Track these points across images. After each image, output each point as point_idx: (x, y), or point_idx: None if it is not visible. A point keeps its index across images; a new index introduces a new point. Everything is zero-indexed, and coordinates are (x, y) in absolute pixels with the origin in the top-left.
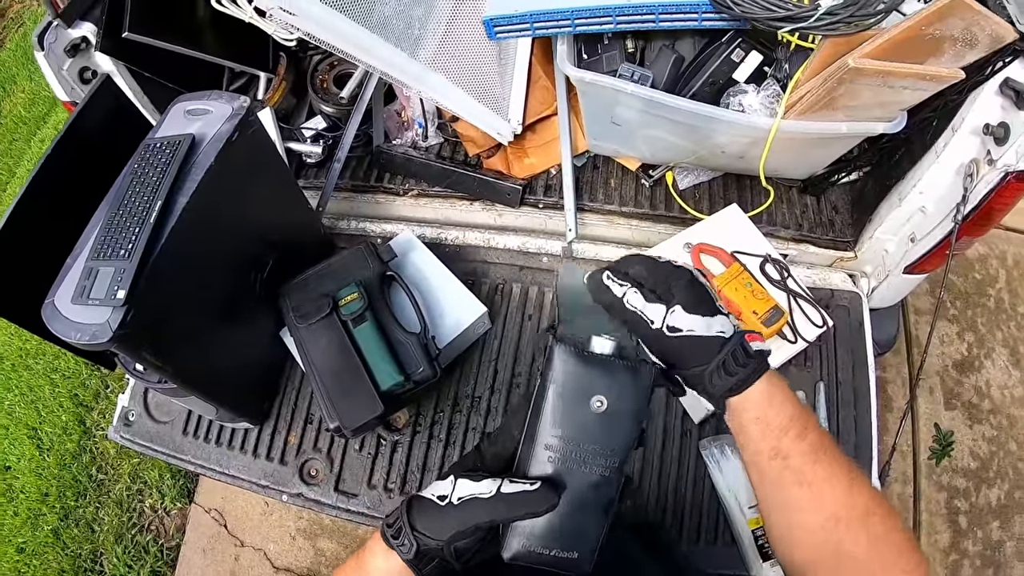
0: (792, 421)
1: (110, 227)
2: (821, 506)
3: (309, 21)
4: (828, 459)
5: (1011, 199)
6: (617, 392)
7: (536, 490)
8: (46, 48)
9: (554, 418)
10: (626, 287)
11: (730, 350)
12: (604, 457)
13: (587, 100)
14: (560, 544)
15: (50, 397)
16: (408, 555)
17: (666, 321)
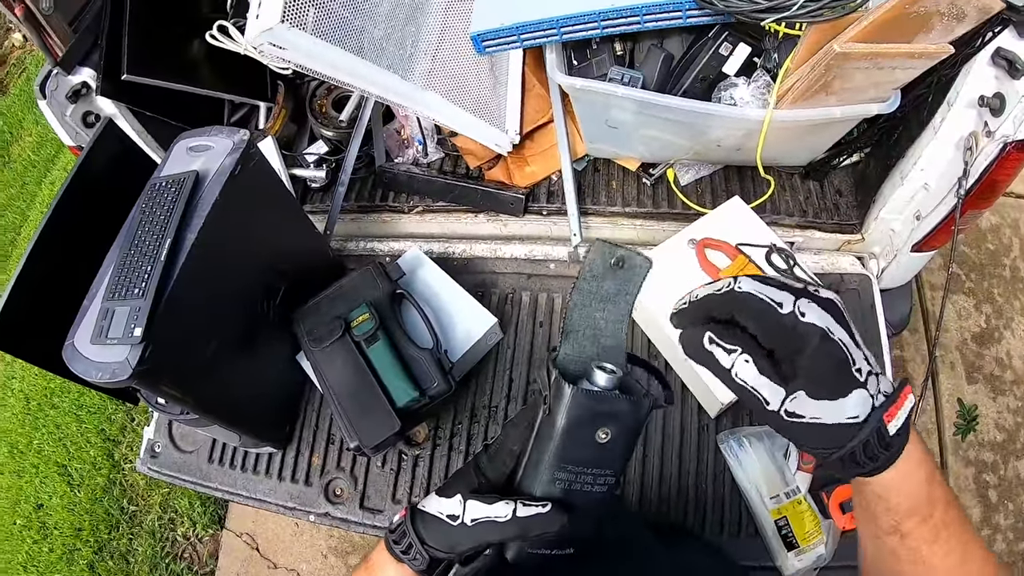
0: (921, 506)
1: (123, 267)
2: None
3: (299, 53)
4: (948, 535)
5: (1012, 169)
6: (620, 423)
7: (548, 512)
8: (48, 96)
9: (561, 448)
10: (735, 354)
11: (862, 440)
12: (605, 476)
13: (581, 105)
14: (559, 546)
15: (77, 434)
16: (421, 567)
17: (784, 406)
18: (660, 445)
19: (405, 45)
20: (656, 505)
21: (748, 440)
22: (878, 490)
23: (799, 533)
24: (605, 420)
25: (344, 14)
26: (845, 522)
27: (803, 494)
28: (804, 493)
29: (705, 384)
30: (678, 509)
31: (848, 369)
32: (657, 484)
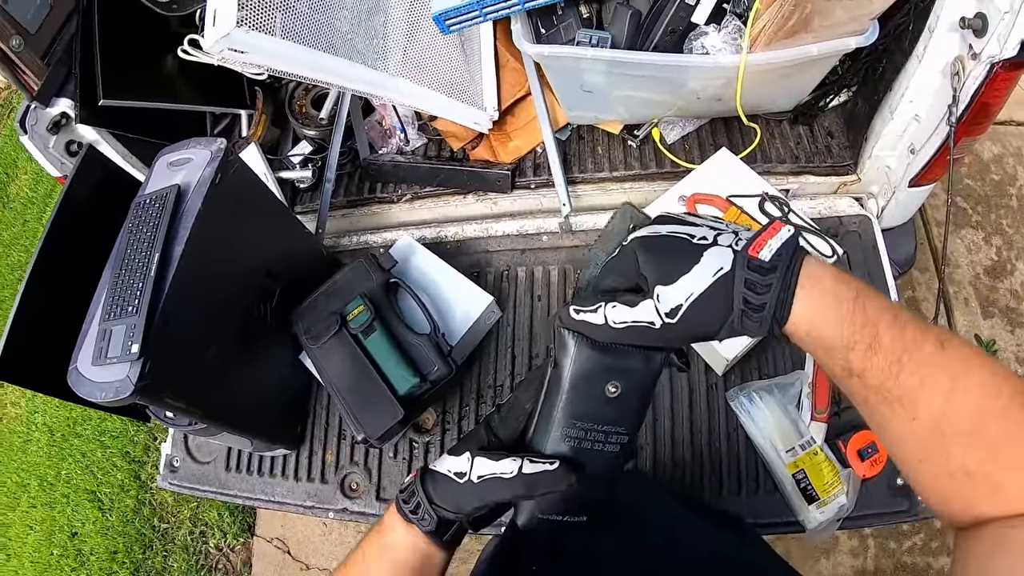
0: (856, 333)
1: (116, 287)
2: (917, 424)
3: (261, 55)
4: (914, 364)
5: (1003, 90)
6: (629, 377)
7: (556, 470)
8: (29, 130)
9: (569, 402)
10: (601, 307)
11: (743, 282)
12: (616, 435)
13: (553, 73)
14: (571, 510)
15: (103, 459)
16: (429, 527)
17: (661, 312)
18: (669, 407)
19: (375, 35)
20: (670, 469)
21: (758, 394)
22: (804, 332)
23: (818, 485)
24: (614, 373)
25: (309, 12)
26: (865, 469)
27: (819, 444)
28: (820, 443)
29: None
30: (693, 471)
31: (688, 243)
32: (670, 448)
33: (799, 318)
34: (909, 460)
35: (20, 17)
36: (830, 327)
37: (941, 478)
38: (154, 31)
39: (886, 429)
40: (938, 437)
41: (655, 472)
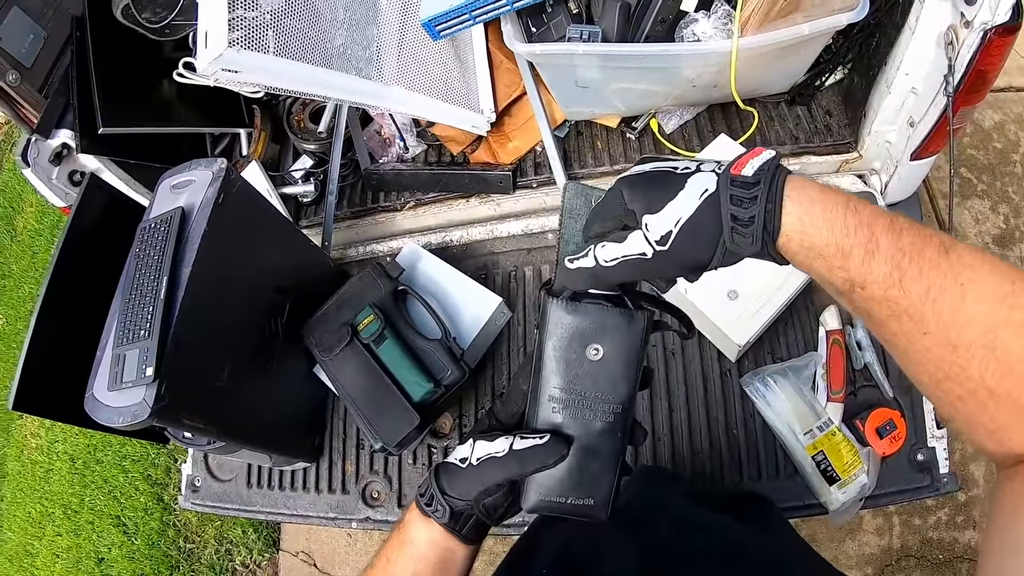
0: (850, 237)
1: (127, 312)
2: (930, 338)
3: (255, 73)
4: (918, 271)
5: (998, 56)
6: (612, 339)
7: (545, 443)
8: (32, 163)
9: (553, 370)
10: (589, 251)
11: (726, 202)
12: (607, 403)
13: (547, 71)
14: (575, 492)
15: (125, 483)
16: (443, 519)
17: (651, 240)
18: (685, 398)
19: (367, 46)
20: (689, 459)
21: (773, 379)
22: (798, 244)
23: (838, 465)
24: (594, 335)
25: (301, 27)
26: (884, 447)
27: (837, 425)
28: (838, 424)
29: (720, 330)
30: (712, 459)
31: (672, 174)
32: (687, 437)
33: (790, 228)
34: (929, 382)
35: (15, 52)
36: (823, 233)
37: (964, 399)
38: (148, 57)
39: (900, 348)
40: (952, 351)
41: (674, 462)
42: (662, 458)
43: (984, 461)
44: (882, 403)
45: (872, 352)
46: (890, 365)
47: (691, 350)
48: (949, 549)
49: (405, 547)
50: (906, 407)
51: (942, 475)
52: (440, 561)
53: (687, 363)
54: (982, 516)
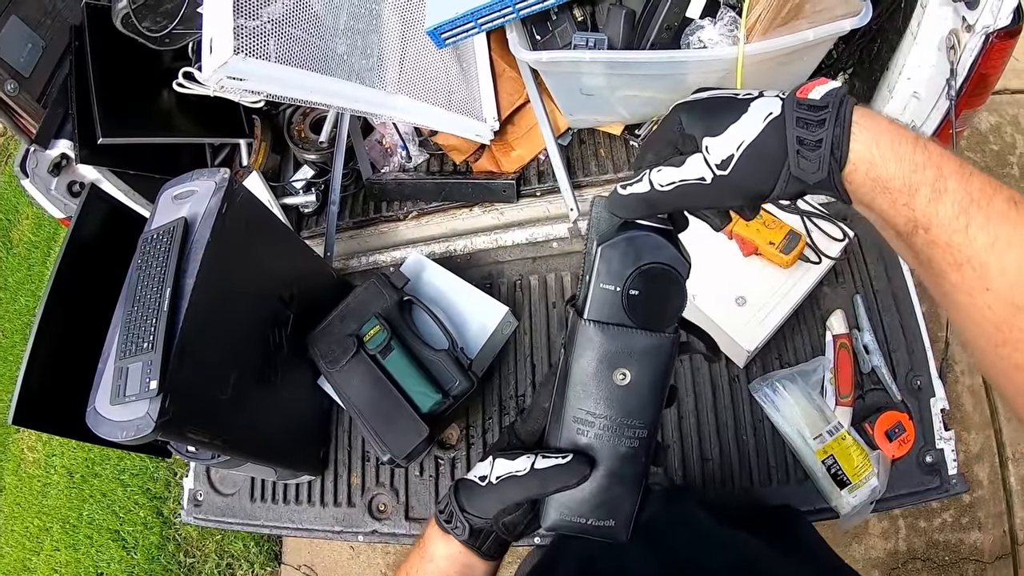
0: (918, 172)
1: (129, 325)
2: (992, 295)
3: (260, 81)
4: (985, 219)
5: (1000, 60)
6: (640, 363)
7: (568, 463)
8: (30, 174)
9: (579, 392)
10: (644, 175)
11: (792, 124)
12: (632, 428)
13: (552, 79)
14: (596, 513)
15: (124, 498)
16: (463, 536)
17: (711, 164)
18: (694, 404)
19: (370, 55)
20: (699, 466)
21: (781, 384)
22: (863, 174)
23: (849, 469)
24: (622, 359)
25: (304, 36)
26: (893, 450)
27: (846, 429)
28: (847, 428)
29: (729, 336)
30: (723, 466)
31: (734, 99)
32: (697, 444)
33: (857, 156)
34: (987, 346)
35: (13, 61)
36: (891, 165)
37: (1022, 368)
38: (148, 66)
39: (959, 304)
40: (1015, 312)
41: (684, 470)
42: (672, 465)
43: (988, 462)
44: (890, 406)
45: (879, 355)
46: (897, 368)
47: (699, 357)
48: (955, 551)
49: (425, 563)
50: (914, 410)
51: (951, 476)
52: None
53: (695, 370)
54: (987, 517)
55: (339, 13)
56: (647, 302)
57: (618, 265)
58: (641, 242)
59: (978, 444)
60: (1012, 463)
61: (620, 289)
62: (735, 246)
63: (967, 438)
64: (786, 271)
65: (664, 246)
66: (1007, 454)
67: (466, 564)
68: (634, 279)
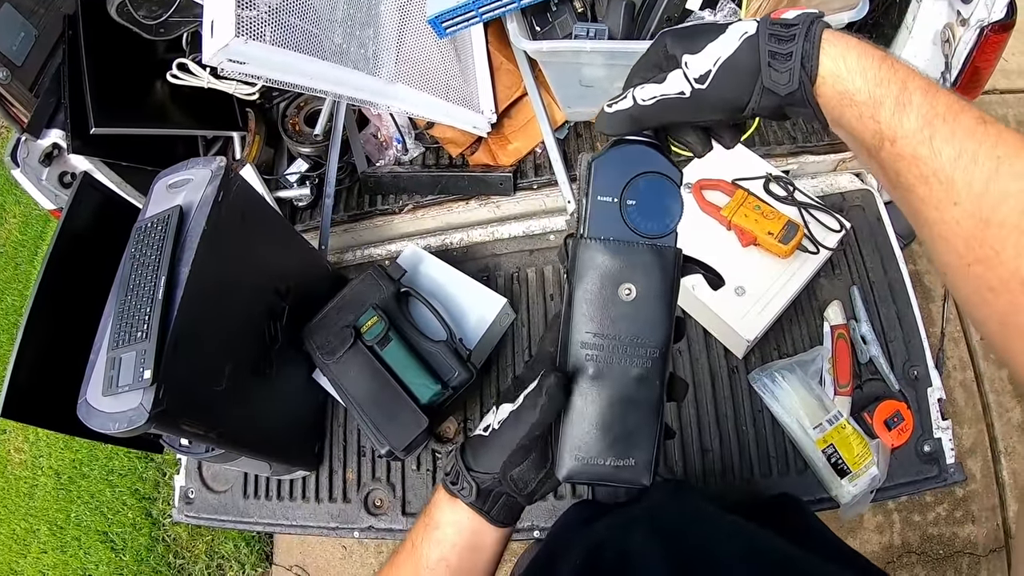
0: (883, 86)
1: (122, 314)
2: (960, 210)
3: (259, 65)
4: (950, 132)
5: (994, 53)
6: (644, 277)
7: (539, 377)
8: (21, 164)
9: (584, 314)
10: (628, 92)
11: (764, 41)
12: (643, 347)
13: (551, 70)
14: (614, 450)
15: (112, 498)
16: (470, 497)
17: (690, 78)
18: (693, 395)
19: (366, 45)
20: (699, 457)
21: (780, 374)
22: (831, 88)
23: (848, 458)
24: (626, 273)
25: (302, 25)
26: (892, 439)
27: (846, 418)
28: (847, 417)
29: (729, 326)
30: (723, 457)
31: (714, 24)
32: (696, 435)
33: (826, 71)
34: (958, 265)
35: (5, 49)
36: (856, 79)
37: (996, 290)
38: (141, 57)
39: (926, 219)
40: (984, 227)
41: (684, 461)
42: (672, 457)
43: (980, 456)
44: (888, 395)
45: (877, 346)
46: (895, 358)
47: (698, 348)
48: (949, 544)
49: (431, 531)
50: (911, 399)
51: (949, 466)
52: (468, 545)
53: (694, 361)
54: (980, 510)
55: (335, 3)
56: (645, 210)
57: (612, 177)
58: (631, 153)
59: (971, 438)
60: (1004, 457)
61: (617, 200)
62: (734, 237)
63: (960, 432)
64: (784, 261)
65: (654, 155)
66: (999, 448)
67: (474, 531)
68: (629, 188)
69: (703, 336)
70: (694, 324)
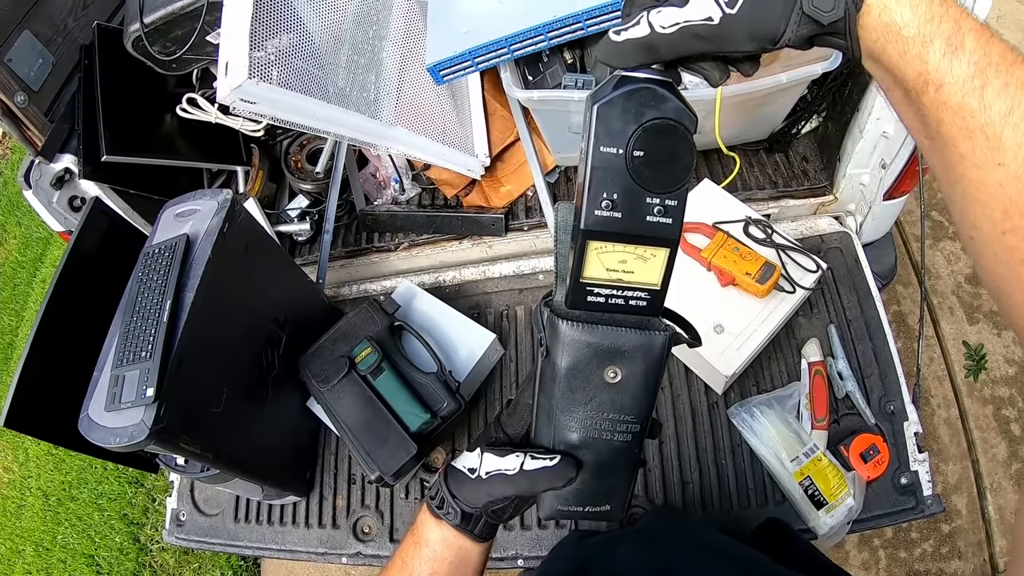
0: (931, 24)
1: (128, 334)
2: (1004, 171)
3: (269, 105)
4: (1003, 85)
5: None
6: (631, 361)
7: (555, 466)
8: (33, 185)
9: (569, 394)
10: (640, 16)
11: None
12: (625, 424)
13: (542, 117)
14: (592, 501)
15: (100, 522)
16: (455, 521)
17: (720, 1)
18: (674, 430)
19: (368, 89)
20: (680, 489)
21: (759, 409)
22: (876, 18)
23: (825, 490)
24: (612, 357)
25: (306, 67)
26: (868, 471)
27: (822, 451)
28: (823, 450)
29: (708, 362)
30: (703, 489)
31: None
32: (677, 468)
33: (873, 5)
34: (991, 233)
35: (23, 74)
36: (906, 10)
37: (1004, 253)
38: (153, 90)
39: (964, 178)
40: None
41: (664, 493)
42: (653, 489)
43: (966, 492)
44: (864, 429)
45: (853, 381)
46: (871, 394)
47: (679, 384)
48: None
49: (420, 548)
50: (888, 433)
51: (926, 497)
52: (456, 560)
53: (675, 397)
54: (966, 546)
55: (339, 49)
56: (654, 163)
57: (618, 124)
58: (642, 96)
59: (956, 475)
60: (990, 492)
61: (623, 151)
62: (713, 277)
63: (945, 469)
64: (762, 300)
65: (668, 98)
66: (985, 484)
67: (460, 547)
68: (638, 138)
69: (684, 373)
70: (675, 361)
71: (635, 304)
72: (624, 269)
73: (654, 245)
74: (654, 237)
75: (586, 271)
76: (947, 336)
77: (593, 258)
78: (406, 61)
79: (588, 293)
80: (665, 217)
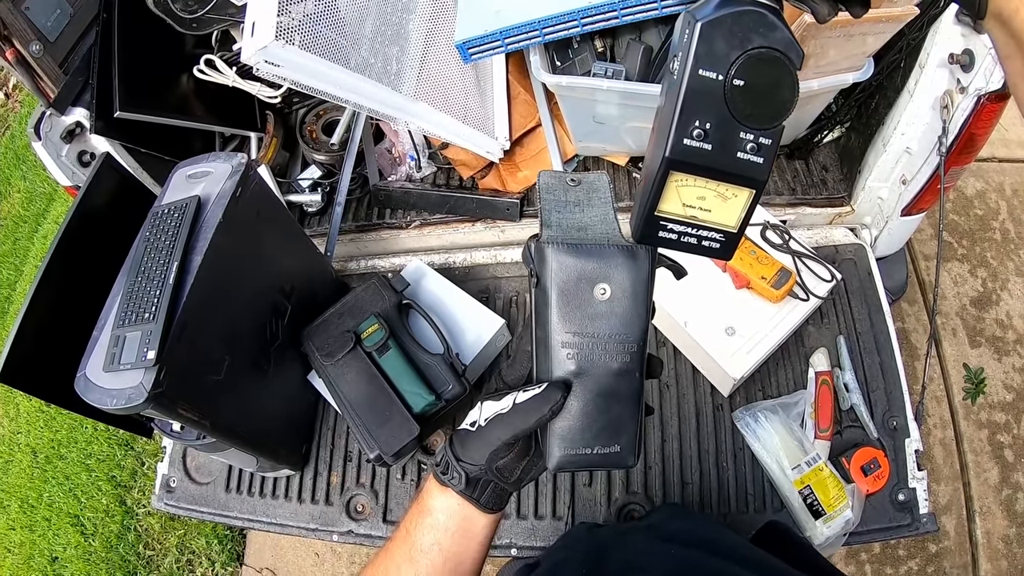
0: None
1: (131, 294)
2: None
3: (292, 70)
4: None
5: (989, 121)
6: (618, 276)
7: (544, 390)
8: (43, 137)
9: (561, 316)
10: None
11: None
12: (621, 343)
13: (567, 104)
14: (600, 439)
15: (88, 483)
16: (460, 486)
17: None
18: (677, 429)
19: (391, 61)
20: (679, 489)
21: (764, 414)
22: None
23: (824, 500)
24: (600, 275)
25: (331, 35)
26: (868, 484)
27: (823, 461)
28: (825, 460)
29: (716, 364)
30: (702, 490)
31: None
32: (678, 467)
33: None
34: None
35: (40, 24)
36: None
37: None
38: (171, 49)
39: None
40: None
41: (664, 492)
42: (653, 487)
43: (955, 514)
44: (867, 443)
45: (859, 394)
46: (875, 408)
47: (685, 384)
48: None
49: (423, 517)
50: (889, 448)
51: (922, 515)
52: (460, 530)
53: (681, 396)
54: (952, 567)
55: (364, 20)
56: (754, 95)
57: (722, 46)
58: (751, 20)
59: (946, 496)
60: (980, 516)
61: (722, 77)
62: (728, 279)
63: (936, 489)
64: (775, 306)
65: (777, 27)
66: (975, 507)
67: (465, 516)
68: (741, 65)
69: (691, 373)
70: (683, 361)
71: (707, 245)
72: (701, 207)
73: (739, 184)
74: (742, 176)
75: (663, 204)
76: (948, 357)
77: (672, 191)
78: (432, 37)
79: (661, 228)
80: (757, 156)
